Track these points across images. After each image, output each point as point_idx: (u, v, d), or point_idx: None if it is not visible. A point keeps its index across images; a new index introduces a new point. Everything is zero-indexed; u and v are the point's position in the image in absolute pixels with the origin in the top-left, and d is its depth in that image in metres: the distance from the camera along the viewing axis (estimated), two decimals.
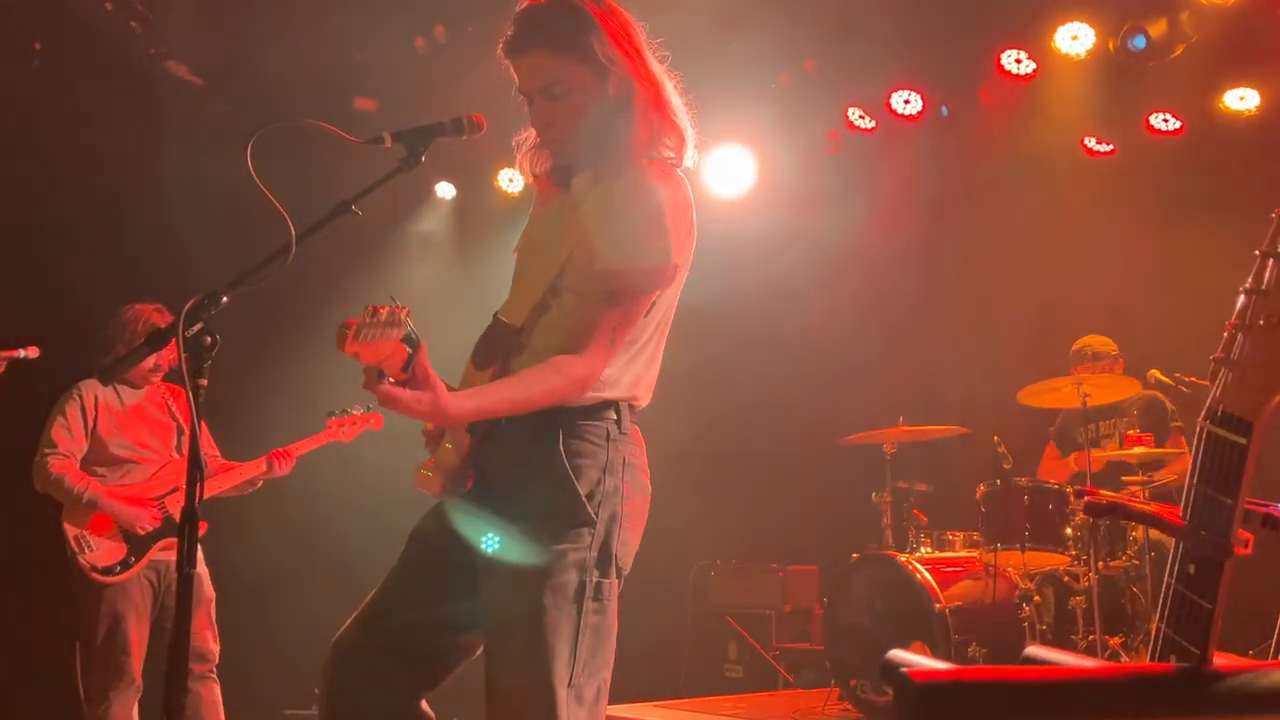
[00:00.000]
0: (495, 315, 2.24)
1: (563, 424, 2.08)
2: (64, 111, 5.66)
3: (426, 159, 2.27)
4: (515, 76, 2.19)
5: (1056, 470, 5.70)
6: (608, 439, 2.10)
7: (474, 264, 6.88)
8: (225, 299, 2.05)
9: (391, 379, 1.95)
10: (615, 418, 2.12)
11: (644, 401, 2.21)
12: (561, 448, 2.07)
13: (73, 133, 5.66)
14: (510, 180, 6.94)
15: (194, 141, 5.53)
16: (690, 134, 2.24)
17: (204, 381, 2.05)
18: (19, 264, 5.66)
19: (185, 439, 4.41)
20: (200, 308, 2.01)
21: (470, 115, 2.37)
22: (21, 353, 3.98)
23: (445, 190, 7.04)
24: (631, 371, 2.15)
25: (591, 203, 2.17)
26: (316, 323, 6.35)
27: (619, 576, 2.10)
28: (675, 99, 2.23)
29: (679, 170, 2.22)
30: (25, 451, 4.51)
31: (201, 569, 4.36)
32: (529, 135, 2.31)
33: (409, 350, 1.94)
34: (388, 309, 1.85)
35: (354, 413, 4.57)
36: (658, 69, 2.22)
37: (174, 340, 1.97)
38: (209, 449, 4.51)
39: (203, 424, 4.74)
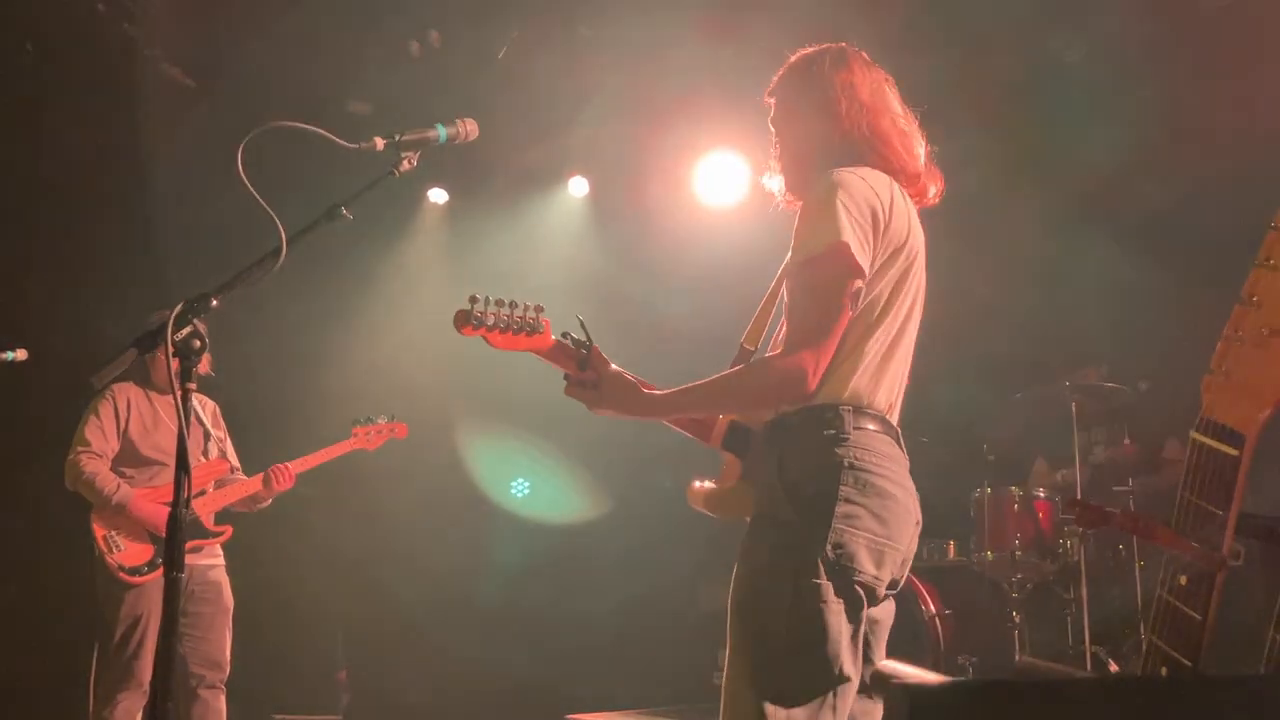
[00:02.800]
0: (740, 343, 2.41)
1: (781, 431, 2.18)
2: (56, 113, 5.65)
3: (419, 163, 2.27)
4: None
5: (1041, 479, 5.63)
6: (822, 444, 2.11)
7: (466, 268, 6.87)
8: (215, 303, 2.05)
9: (578, 380, 2.20)
10: (834, 422, 2.13)
11: (876, 404, 2.19)
12: (777, 454, 2.16)
13: (65, 134, 5.64)
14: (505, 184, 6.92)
15: (186, 143, 5.52)
16: (909, 156, 2.35)
17: (193, 386, 2.06)
18: (9, 266, 5.64)
19: (213, 444, 4.41)
20: (189, 311, 2.02)
21: (463, 120, 2.38)
22: (9, 355, 3.96)
23: (438, 196, 7.02)
24: (847, 375, 2.15)
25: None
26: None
27: (835, 578, 2.06)
28: (887, 124, 2.34)
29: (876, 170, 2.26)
30: (16, 452, 4.49)
31: (222, 577, 4.34)
32: None
33: (582, 351, 2.20)
34: (500, 300, 2.13)
35: (379, 421, 4.58)
36: (865, 101, 2.35)
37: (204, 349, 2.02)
38: (233, 460, 4.48)
39: (227, 435, 4.70)
